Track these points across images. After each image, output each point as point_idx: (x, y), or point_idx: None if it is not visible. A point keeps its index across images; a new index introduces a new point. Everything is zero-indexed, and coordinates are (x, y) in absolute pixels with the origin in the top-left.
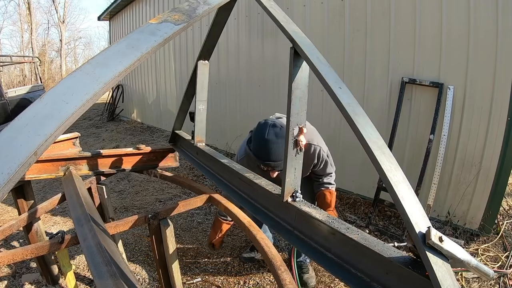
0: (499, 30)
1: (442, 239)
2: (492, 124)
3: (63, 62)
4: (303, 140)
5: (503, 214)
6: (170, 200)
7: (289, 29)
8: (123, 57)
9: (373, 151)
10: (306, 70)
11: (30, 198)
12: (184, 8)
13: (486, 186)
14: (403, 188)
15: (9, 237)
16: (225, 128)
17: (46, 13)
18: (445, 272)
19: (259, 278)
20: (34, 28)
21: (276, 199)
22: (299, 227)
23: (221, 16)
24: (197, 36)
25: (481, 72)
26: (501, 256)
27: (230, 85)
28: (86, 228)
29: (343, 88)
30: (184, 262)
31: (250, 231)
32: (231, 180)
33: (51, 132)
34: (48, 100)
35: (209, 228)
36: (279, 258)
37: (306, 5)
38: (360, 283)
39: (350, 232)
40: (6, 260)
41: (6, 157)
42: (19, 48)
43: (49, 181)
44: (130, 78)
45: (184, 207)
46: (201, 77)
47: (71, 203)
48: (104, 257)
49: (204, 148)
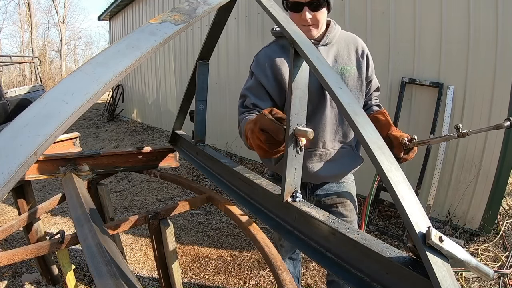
0: (499, 30)
1: (442, 239)
2: (492, 124)
3: (63, 62)
4: (303, 140)
5: (503, 214)
6: (170, 200)
7: (289, 29)
8: (123, 57)
9: (373, 151)
10: (306, 70)
11: (30, 198)
12: (184, 8)
13: (486, 186)
14: (403, 188)
15: (9, 237)
16: (225, 128)
17: (46, 13)
18: (445, 272)
19: (259, 278)
20: (34, 28)
21: (276, 199)
22: (299, 227)
23: (221, 16)
24: (197, 36)
25: (481, 72)
26: (501, 256)
27: (230, 85)
28: (86, 228)
29: (343, 88)
30: (184, 262)
31: (250, 231)
32: (231, 180)
33: (51, 132)
34: (48, 100)
35: (209, 228)
36: (279, 258)
37: None
38: (360, 283)
39: (350, 232)
40: (6, 260)
41: (6, 157)
42: (19, 48)
43: (49, 181)
44: (130, 78)
45: (184, 207)
46: (201, 77)
47: (71, 203)
48: (104, 257)
49: (204, 148)
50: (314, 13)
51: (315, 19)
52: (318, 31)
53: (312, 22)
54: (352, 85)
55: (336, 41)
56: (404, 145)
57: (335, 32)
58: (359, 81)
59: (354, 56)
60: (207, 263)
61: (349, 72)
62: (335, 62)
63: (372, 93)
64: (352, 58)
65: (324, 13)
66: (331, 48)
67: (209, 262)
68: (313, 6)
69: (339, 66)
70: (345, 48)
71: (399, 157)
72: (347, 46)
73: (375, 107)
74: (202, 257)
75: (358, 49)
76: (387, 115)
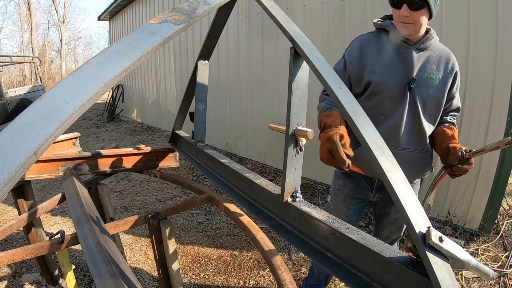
0: (499, 29)
1: (442, 239)
2: (492, 124)
3: (63, 62)
4: (303, 140)
5: (503, 214)
6: (170, 200)
7: (289, 29)
8: (123, 57)
9: (373, 150)
10: (306, 70)
11: (30, 198)
12: (184, 8)
13: (486, 186)
14: (403, 188)
15: (9, 237)
16: (225, 128)
17: (46, 13)
18: (445, 272)
19: (259, 278)
20: (34, 28)
21: (276, 199)
22: (299, 227)
23: (221, 16)
24: (197, 36)
25: (481, 72)
26: (501, 256)
27: (230, 85)
28: (86, 228)
29: (343, 88)
30: (184, 262)
31: (250, 231)
32: (231, 180)
33: (51, 132)
34: (48, 100)
35: (209, 228)
36: (279, 258)
37: (306, 5)
38: (360, 283)
39: (350, 232)
40: (6, 260)
41: (6, 157)
42: (19, 48)
43: (49, 181)
44: (130, 78)
45: (184, 207)
46: (201, 77)
47: (71, 203)
48: (104, 257)
49: (204, 148)
50: (412, 12)
51: (413, 18)
52: (415, 31)
53: (409, 20)
54: (433, 95)
55: (431, 49)
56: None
57: (432, 41)
58: (440, 93)
59: (443, 68)
60: (207, 263)
61: (434, 82)
62: (423, 68)
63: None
64: (441, 70)
65: (423, 15)
66: (424, 54)
67: (209, 262)
68: (412, 6)
69: (426, 73)
70: (437, 59)
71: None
72: (439, 57)
73: (447, 123)
74: (202, 257)
75: (449, 64)
76: (456, 131)
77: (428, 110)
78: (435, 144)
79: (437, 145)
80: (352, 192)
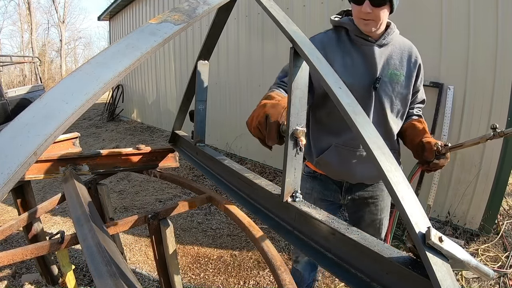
0: (499, 29)
1: (442, 239)
2: (492, 124)
3: (63, 62)
4: (303, 140)
5: (503, 214)
6: (170, 200)
7: (289, 29)
8: (123, 57)
9: (373, 151)
10: (306, 70)
11: (30, 198)
12: (184, 8)
13: (486, 186)
14: (403, 188)
15: (9, 237)
16: (225, 128)
17: (46, 13)
18: (445, 272)
19: (259, 278)
20: (34, 28)
21: (276, 199)
22: (299, 227)
23: (221, 16)
24: (197, 36)
25: (481, 72)
26: (501, 256)
27: (230, 85)
28: (86, 228)
29: (343, 88)
30: (184, 262)
31: (250, 231)
32: (231, 180)
33: (51, 132)
34: (48, 100)
35: (209, 228)
36: (279, 258)
37: (306, 5)
38: (360, 283)
39: (350, 232)
40: (6, 260)
41: (6, 157)
42: (19, 48)
43: (49, 181)
44: (130, 78)
45: (184, 207)
46: (201, 77)
47: (71, 203)
48: (104, 257)
49: (204, 148)
50: (374, 8)
51: (375, 15)
52: (376, 28)
53: (371, 17)
54: (398, 92)
55: (392, 44)
56: (437, 150)
57: (393, 35)
58: (406, 89)
59: (406, 63)
60: (207, 263)
61: (398, 78)
62: (386, 64)
63: (416, 104)
64: (404, 65)
65: (385, 11)
66: (386, 49)
67: (209, 262)
68: (375, 2)
69: (390, 70)
70: (399, 53)
71: (429, 161)
72: (401, 52)
73: (415, 116)
74: (202, 257)
75: (412, 57)
76: (425, 123)
77: (395, 107)
78: (405, 139)
79: (408, 140)
80: (321, 194)
